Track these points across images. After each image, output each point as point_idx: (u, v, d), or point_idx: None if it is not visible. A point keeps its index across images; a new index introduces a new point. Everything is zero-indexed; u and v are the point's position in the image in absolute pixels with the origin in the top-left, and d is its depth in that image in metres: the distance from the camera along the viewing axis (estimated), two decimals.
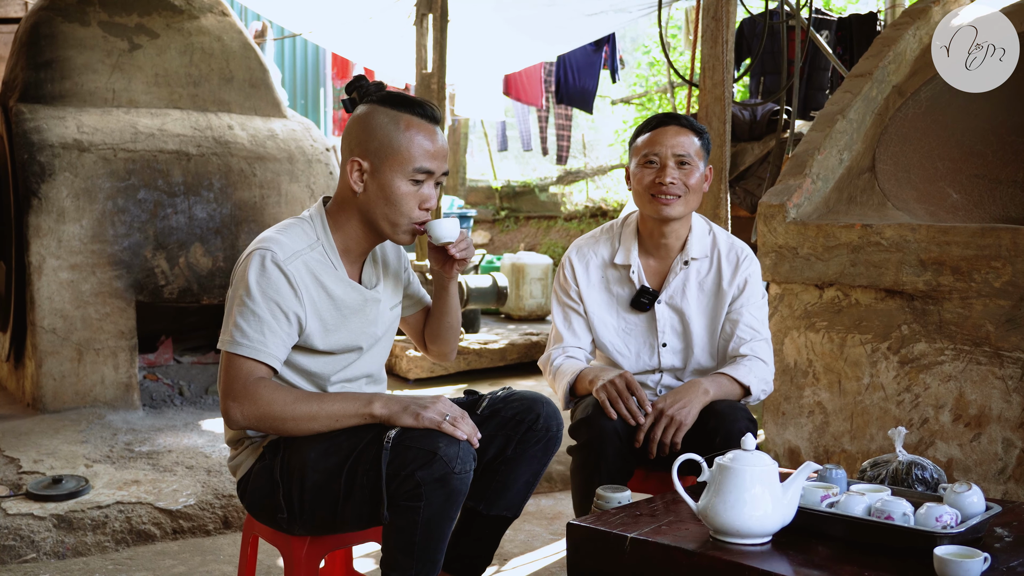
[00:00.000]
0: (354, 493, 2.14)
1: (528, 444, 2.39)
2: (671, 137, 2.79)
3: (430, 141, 2.25)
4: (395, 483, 2.08)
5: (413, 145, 2.23)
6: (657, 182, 2.76)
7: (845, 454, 3.33)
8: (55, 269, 4.54)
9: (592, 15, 7.82)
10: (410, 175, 2.23)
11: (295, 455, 2.21)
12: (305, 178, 5.20)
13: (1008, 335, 3.00)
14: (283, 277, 2.18)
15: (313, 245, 2.27)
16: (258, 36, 9.24)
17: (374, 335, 2.39)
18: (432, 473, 2.05)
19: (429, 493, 2.06)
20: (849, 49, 7.56)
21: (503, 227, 12.75)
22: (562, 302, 2.95)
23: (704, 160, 2.84)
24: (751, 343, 2.82)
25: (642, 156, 2.81)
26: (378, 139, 2.23)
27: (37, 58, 4.87)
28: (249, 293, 2.16)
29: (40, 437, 4.20)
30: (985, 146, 3.45)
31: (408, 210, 2.26)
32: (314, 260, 2.25)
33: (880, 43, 3.90)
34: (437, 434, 2.10)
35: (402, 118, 2.25)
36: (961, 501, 1.90)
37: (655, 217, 2.81)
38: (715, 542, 1.86)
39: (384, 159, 2.23)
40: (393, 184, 2.23)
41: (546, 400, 2.44)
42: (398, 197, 2.24)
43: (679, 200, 2.77)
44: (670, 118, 2.85)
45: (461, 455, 2.09)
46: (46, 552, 3.32)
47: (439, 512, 2.09)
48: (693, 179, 2.79)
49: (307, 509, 2.21)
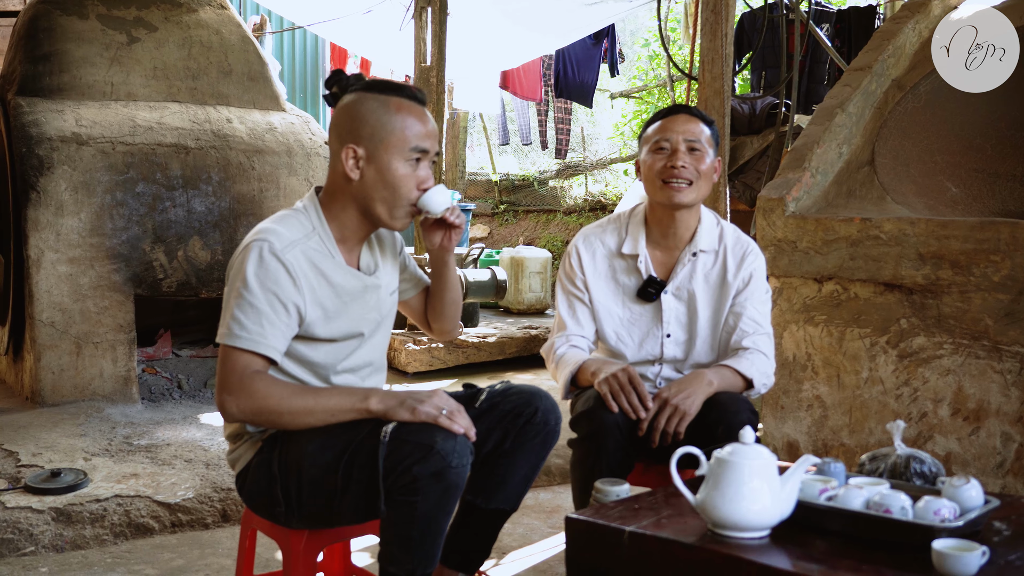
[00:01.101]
0: (351, 487, 2.13)
1: (526, 438, 2.39)
2: (682, 124, 2.82)
3: (421, 122, 2.27)
4: (392, 477, 2.08)
5: (407, 125, 2.25)
6: (669, 166, 2.77)
7: (844, 448, 3.33)
8: (54, 263, 4.54)
9: (591, 4, 7.80)
10: (407, 155, 2.25)
11: (293, 449, 2.21)
12: (304, 171, 5.19)
13: (1007, 329, 3.00)
14: (281, 267, 2.18)
15: (309, 234, 2.27)
16: (257, 29, 9.23)
17: (375, 320, 2.39)
18: (429, 467, 2.05)
19: (426, 487, 2.05)
20: (848, 43, 7.55)
21: (502, 221, 12.75)
22: (567, 290, 2.95)
23: (714, 149, 2.85)
24: (753, 336, 2.82)
25: (653, 143, 2.83)
26: (370, 124, 2.24)
27: (35, 51, 4.86)
28: (247, 285, 2.16)
29: (39, 430, 4.20)
30: (984, 140, 3.45)
31: (407, 191, 2.27)
32: (312, 249, 2.25)
33: (879, 37, 3.89)
34: (434, 428, 2.09)
35: (391, 101, 2.26)
36: (960, 495, 1.90)
37: (666, 204, 2.81)
38: (713, 536, 1.86)
39: (379, 143, 2.24)
40: (392, 167, 2.24)
41: (545, 394, 2.44)
42: (397, 179, 2.25)
43: (690, 187, 2.78)
44: (680, 108, 2.89)
45: (458, 449, 2.08)
46: (44, 545, 3.32)
47: (436, 506, 2.08)
48: (704, 165, 2.80)
49: (305, 503, 2.21)
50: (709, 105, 4.92)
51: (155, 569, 3.22)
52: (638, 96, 12.84)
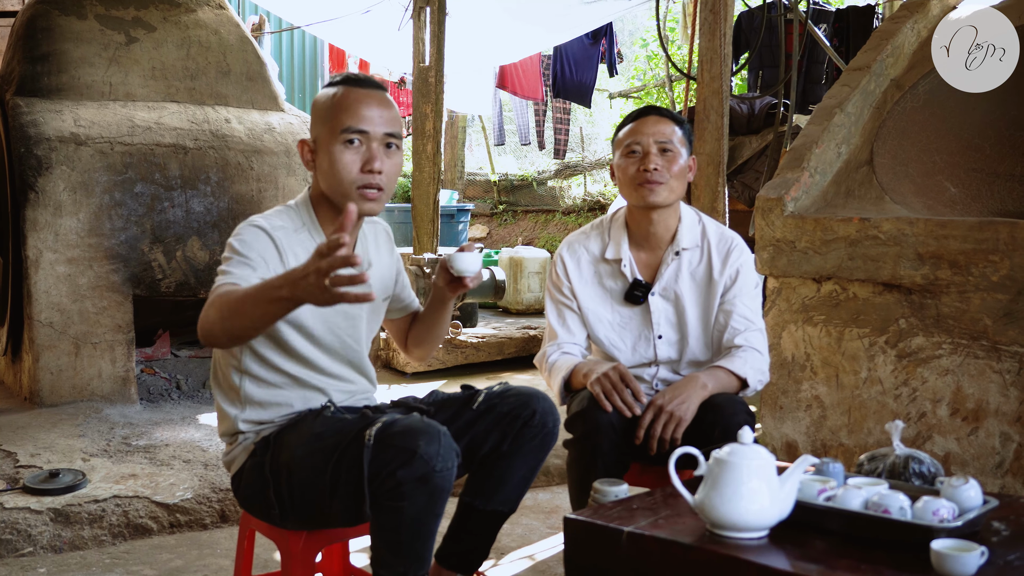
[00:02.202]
0: (339, 490, 2.12)
1: (524, 440, 2.39)
2: (651, 126, 2.83)
3: (359, 102, 2.26)
4: (377, 482, 2.07)
5: (342, 108, 2.25)
6: (641, 170, 2.78)
7: (842, 448, 3.33)
8: (52, 263, 4.54)
9: (589, 3, 7.81)
10: (340, 138, 2.24)
11: (283, 452, 2.21)
12: (302, 172, 5.19)
13: (1006, 329, 3.00)
14: (269, 240, 2.23)
15: (299, 229, 2.30)
16: (255, 30, 9.23)
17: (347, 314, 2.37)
18: (413, 472, 2.03)
19: (411, 492, 2.04)
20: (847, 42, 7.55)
21: (501, 221, 12.75)
22: (555, 299, 2.95)
23: (687, 149, 2.85)
24: (745, 333, 2.82)
25: (625, 147, 2.84)
26: (318, 115, 2.30)
27: (34, 51, 4.85)
28: (233, 249, 2.19)
29: (37, 431, 4.19)
30: (983, 140, 3.45)
31: (347, 173, 2.24)
32: (299, 242, 2.28)
33: (878, 36, 3.89)
34: (417, 432, 2.07)
35: (335, 90, 2.29)
36: (958, 495, 1.90)
37: (641, 205, 2.82)
38: (712, 536, 1.86)
39: (321, 131, 2.28)
40: (331, 151, 2.25)
41: (543, 396, 2.44)
42: (335, 162, 2.25)
43: (663, 187, 2.79)
44: (650, 109, 2.90)
45: (442, 453, 2.07)
46: (43, 546, 3.32)
47: (423, 510, 2.07)
48: (676, 166, 2.80)
49: (297, 506, 2.21)
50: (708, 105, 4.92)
51: (153, 570, 3.22)
52: (637, 96, 12.84)
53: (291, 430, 2.26)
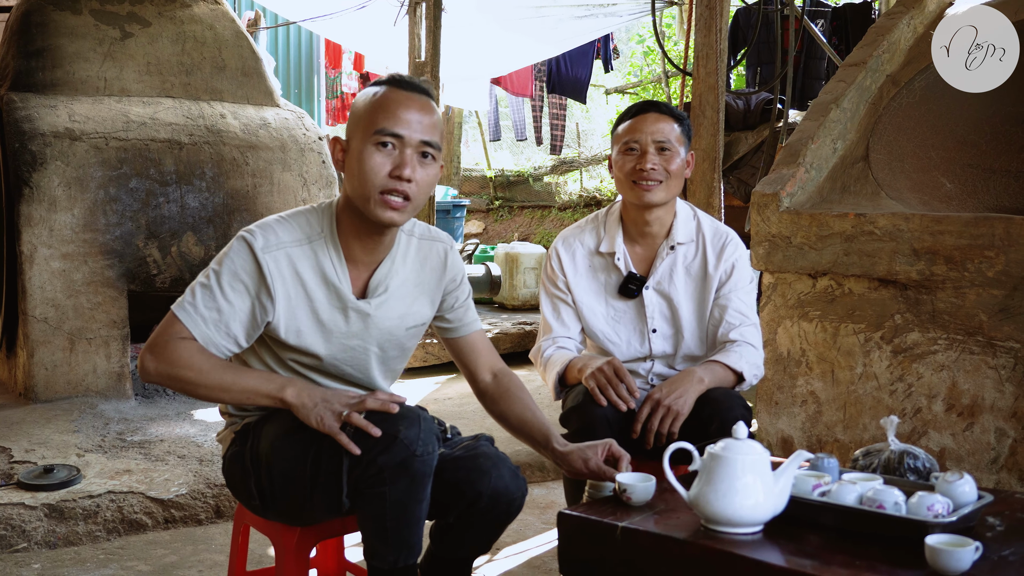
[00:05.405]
0: (319, 481, 2.09)
1: (472, 518, 2.22)
2: (651, 124, 2.81)
3: (399, 104, 2.12)
4: (358, 470, 2.04)
5: (379, 108, 2.13)
6: (638, 168, 2.77)
7: (838, 443, 3.33)
8: (47, 258, 4.53)
9: (582, 18, 7.82)
10: (372, 139, 2.10)
11: (262, 442, 2.18)
12: (298, 167, 5.18)
13: (1001, 325, 3.00)
14: (255, 266, 2.12)
15: (312, 238, 2.18)
16: (251, 25, 9.21)
17: (346, 346, 2.24)
18: (393, 457, 2.01)
19: (392, 477, 2.02)
20: (844, 38, 7.55)
21: (497, 216, 12.75)
22: (550, 293, 2.95)
23: (685, 146, 2.84)
24: (740, 328, 2.82)
25: (623, 144, 2.83)
26: (355, 114, 2.18)
27: (28, 46, 4.84)
28: (218, 269, 2.13)
29: (32, 427, 4.18)
30: (979, 136, 3.45)
31: (374, 176, 2.10)
32: (301, 254, 2.17)
33: (874, 32, 3.89)
34: (397, 417, 2.04)
35: (377, 90, 2.17)
36: (953, 490, 1.90)
37: (637, 204, 2.82)
38: (706, 531, 1.86)
39: (354, 130, 2.16)
40: (362, 152, 2.12)
41: (496, 472, 2.19)
42: (363, 163, 2.11)
43: (660, 186, 2.78)
44: (649, 105, 2.87)
45: (423, 437, 2.03)
46: (37, 542, 3.31)
47: (406, 495, 2.05)
48: (674, 165, 2.79)
49: (279, 498, 2.18)
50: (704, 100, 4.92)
51: (148, 565, 3.21)
52: (633, 92, 12.83)
53: (270, 420, 2.21)
